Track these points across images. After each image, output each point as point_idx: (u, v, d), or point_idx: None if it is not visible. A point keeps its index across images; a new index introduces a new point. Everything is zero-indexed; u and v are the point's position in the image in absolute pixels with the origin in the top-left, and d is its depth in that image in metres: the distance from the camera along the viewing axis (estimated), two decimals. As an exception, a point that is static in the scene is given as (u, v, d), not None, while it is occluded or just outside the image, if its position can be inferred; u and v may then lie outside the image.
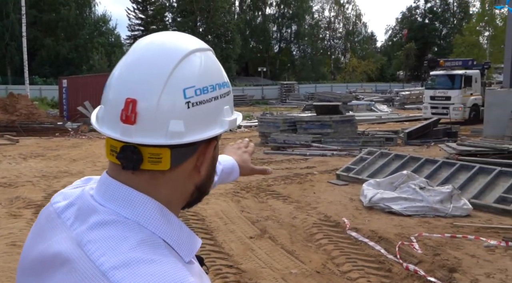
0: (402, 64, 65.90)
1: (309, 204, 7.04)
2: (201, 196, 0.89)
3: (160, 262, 0.70)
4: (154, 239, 0.74)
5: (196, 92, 0.77)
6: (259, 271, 4.62)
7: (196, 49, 0.81)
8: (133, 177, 0.78)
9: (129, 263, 0.69)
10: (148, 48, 0.80)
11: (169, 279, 0.68)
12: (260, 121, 15.57)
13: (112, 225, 0.74)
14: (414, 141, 13.99)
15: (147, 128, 0.75)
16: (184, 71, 0.77)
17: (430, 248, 5.10)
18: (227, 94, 0.84)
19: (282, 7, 65.97)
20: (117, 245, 0.71)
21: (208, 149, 0.82)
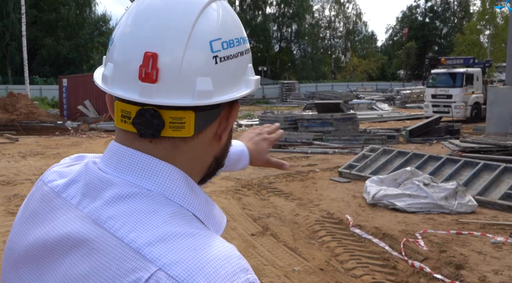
0: (402, 63, 65.81)
1: (311, 201, 6.94)
2: (217, 168, 0.79)
3: (199, 235, 0.61)
4: (185, 213, 0.65)
5: (223, 45, 0.68)
6: (261, 269, 4.52)
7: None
8: (150, 146, 0.68)
9: (165, 237, 0.59)
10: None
11: (213, 252, 0.59)
12: (261, 120, 15.50)
13: (134, 198, 0.64)
14: (416, 139, 13.90)
15: (171, 87, 0.65)
16: (208, 22, 0.68)
17: (436, 245, 5.00)
18: (248, 51, 0.75)
19: (282, 7, 65.87)
20: (147, 219, 0.62)
21: (232, 112, 0.73)
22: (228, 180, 8.50)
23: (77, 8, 48.59)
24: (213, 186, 7.99)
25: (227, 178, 8.68)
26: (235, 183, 8.20)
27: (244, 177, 8.75)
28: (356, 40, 74.32)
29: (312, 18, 70.17)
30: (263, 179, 8.54)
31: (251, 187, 7.91)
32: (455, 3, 70.97)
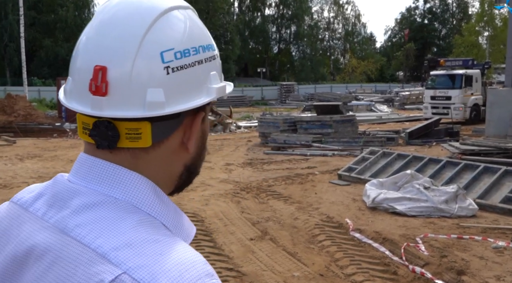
0: (401, 65, 65.85)
1: (310, 205, 6.88)
2: (191, 177, 0.78)
3: (167, 242, 0.62)
4: (153, 221, 0.66)
5: (176, 55, 0.67)
6: (260, 274, 4.46)
7: (174, 6, 0.69)
8: (111, 157, 0.68)
9: (132, 243, 0.60)
10: (118, 7, 0.68)
11: (180, 257, 0.60)
12: (260, 121, 15.42)
13: (101, 206, 0.64)
14: (416, 141, 13.85)
15: (121, 100, 0.65)
16: (160, 32, 0.66)
17: (437, 250, 4.95)
18: (213, 58, 0.73)
19: (281, 8, 65.87)
20: (114, 226, 0.62)
21: (195, 121, 0.73)
22: (227, 183, 8.45)
23: (76, 10, 48.51)
24: (212, 189, 7.93)
25: (226, 181, 8.63)
26: (234, 186, 8.14)
27: (243, 180, 8.69)
28: (355, 42, 74.35)
29: (311, 20, 70.15)
30: (262, 182, 8.48)
31: (250, 190, 7.85)
32: (454, 5, 71.08)
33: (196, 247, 5.03)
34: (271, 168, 10.05)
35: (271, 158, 11.44)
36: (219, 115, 19.87)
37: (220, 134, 18.05)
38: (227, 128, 19.40)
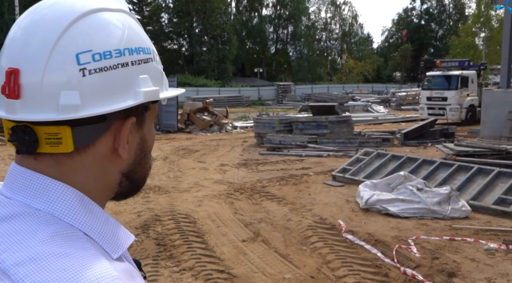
0: (398, 65, 65.94)
1: (304, 206, 6.87)
2: (134, 185, 0.76)
3: (76, 256, 0.60)
4: (72, 231, 0.64)
5: (94, 57, 0.65)
6: (251, 276, 4.44)
7: (100, 8, 0.68)
8: (36, 164, 0.67)
9: (36, 257, 0.58)
10: (34, 13, 0.67)
11: (85, 273, 0.57)
12: (255, 122, 15.40)
13: (19, 218, 0.63)
14: (411, 141, 13.86)
15: (34, 102, 0.64)
16: (78, 34, 0.65)
17: (428, 252, 4.94)
18: (144, 61, 0.71)
19: (278, 8, 65.87)
20: (24, 239, 0.60)
21: (124, 126, 0.69)
22: (221, 184, 8.43)
23: (73, 9, 48.42)
24: (206, 190, 7.91)
25: (220, 182, 8.61)
26: (228, 187, 8.12)
27: (237, 181, 8.68)
28: (352, 42, 74.42)
29: (308, 20, 70.17)
30: (256, 183, 8.46)
31: (244, 191, 7.83)
32: (450, 6, 71.23)
33: (187, 249, 5.04)
34: (265, 169, 10.04)
35: (266, 159, 11.43)
36: (215, 115, 19.85)
37: (216, 135, 18.03)
38: (223, 128, 19.38)
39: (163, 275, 4.46)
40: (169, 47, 57.64)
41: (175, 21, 54.87)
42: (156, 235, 5.57)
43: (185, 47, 57.72)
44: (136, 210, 6.62)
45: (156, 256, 4.93)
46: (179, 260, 4.82)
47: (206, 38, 54.94)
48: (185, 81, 44.60)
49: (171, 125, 19.31)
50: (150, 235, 5.56)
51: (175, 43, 57.90)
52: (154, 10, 55.82)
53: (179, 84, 33.92)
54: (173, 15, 55.58)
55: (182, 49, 57.51)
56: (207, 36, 54.87)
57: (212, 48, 54.11)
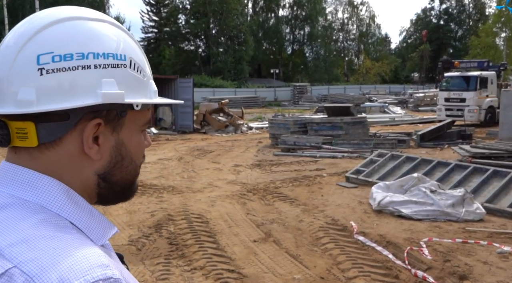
0: (416, 66, 65.24)
1: (316, 207, 6.88)
2: (115, 189, 0.80)
3: (64, 238, 0.66)
4: (59, 220, 0.70)
5: (53, 59, 0.70)
6: (261, 276, 4.48)
7: (74, 17, 0.74)
8: (16, 158, 0.74)
9: (27, 239, 0.64)
10: (24, 20, 0.76)
11: (72, 251, 0.63)
12: (270, 123, 15.43)
13: (9, 208, 0.69)
14: (427, 143, 13.71)
15: (2, 98, 0.71)
16: (44, 38, 0.71)
17: (440, 254, 4.90)
18: (112, 66, 0.74)
19: (295, 9, 65.76)
20: (16, 225, 0.66)
21: (88, 127, 0.73)
22: (234, 185, 8.48)
23: (92, 11, 49.10)
24: (219, 191, 7.97)
25: (233, 183, 8.66)
26: (241, 188, 8.17)
27: (251, 182, 8.72)
28: (369, 43, 73.86)
29: (325, 21, 69.89)
30: (269, 184, 8.49)
31: (257, 192, 7.86)
32: (470, 6, 70.16)
33: (199, 248, 5.09)
34: (279, 169, 10.06)
35: (280, 160, 11.45)
36: (230, 116, 19.93)
37: (231, 135, 18.11)
38: (239, 129, 19.45)
39: (174, 274, 4.52)
40: (186, 48, 58.02)
41: (192, 22, 55.20)
42: (169, 234, 5.64)
43: (201, 48, 58.02)
44: (150, 210, 6.71)
45: (168, 255, 4.99)
46: (190, 259, 4.88)
47: (223, 39, 55.14)
48: (202, 82, 44.86)
49: (187, 126, 19.46)
50: (162, 235, 5.63)
51: (192, 44, 58.26)
52: (172, 12, 56.27)
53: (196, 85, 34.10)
54: (190, 16, 55.93)
55: (199, 50, 57.82)
56: (223, 37, 55.07)
57: (229, 49, 54.29)
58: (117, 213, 6.56)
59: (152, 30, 58.38)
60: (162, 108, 20.11)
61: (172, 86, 20.40)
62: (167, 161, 11.24)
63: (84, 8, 0.78)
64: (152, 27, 58.17)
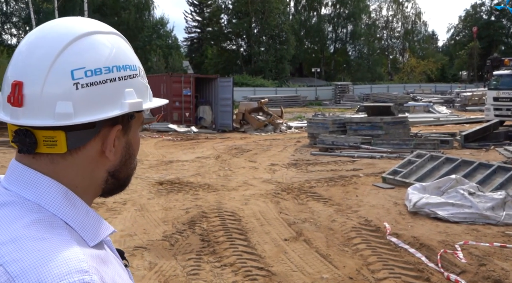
0: (465, 64, 63.02)
1: (350, 207, 6.82)
2: (119, 183, 0.88)
3: (51, 240, 0.70)
4: (53, 220, 0.75)
5: (86, 74, 0.77)
6: (289, 275, 4.50)
7: (93, 31, 0.80)
8: (33, 161, 0.79)
9: (17, 239, 0.69)
10: (42, 31, 0.80)
11: (55, 255, 0.68)
12: (309, 122, 15.37)
13: (10, 206, 0.75)
14: (472, 144, 13.25)
15: (34, 110, 0.76)
16: (74, 53, 0.76)
17: (476, 258, 4.76)
18: (130, 77, 0.82)
19: (338, 7, 65.05)
20: (10, 224, 0.72)
21: (111, 132, 0.81)
22: (269, 183, 8.53)
23: (137, 12, 50.50)
24: (253, 189, 8.04)
25: (268, 182, 8.71)
26: (275, 187, 8.20)
27: (286, 181, 8.74)
28: (415, 40, 71.97)
29: (368, 18, 68.73)
30: (304, 183, 8.48)
31: (291, 191, 7.88)
32: (524, 0, 66.90)
33: (230, 245, 5.18)
34: (315, 169, 10.02)
35: (317, 159, 11.39)
36: (269, 115, 19.99)
37: (270, 134, 18.17)
38: (278, 128, 19.48)
39: (204, 270, 4.62)
40: (228, 47, 58.62)
41: (234, 22, 55.69)
42: (202, 231, 5.76)
43: (243, 48, 58.42)
44: (185, 207, 6.87)
45: (200, 251, 5.10)
46: (221, 256, 4.97)
47: (264, 38, 55.28)
48: (243, 81, 45.16)
49: (227, 125, 19.69)
50: (195, 231, 5.76)
51: (233, 44, 58.79)
52: (214, 12, 57.00)
53: (236, 84, 34.37)
54: (232, 16, 56.45)
55: (241, 49, 58.25)
56: (265, 36, 55.21)
57: (270, 48, 54.37)
58: (153, 209, 6.76)
59: (195, 30, 59.39)
60: (203, 107, 20.44)
61: (212, 85, 20.68)
62: (204, 160, 11.43)
63: (94, 21, 0.84)
64: (195, 27, 59.17)
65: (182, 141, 15.68)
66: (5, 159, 11.19)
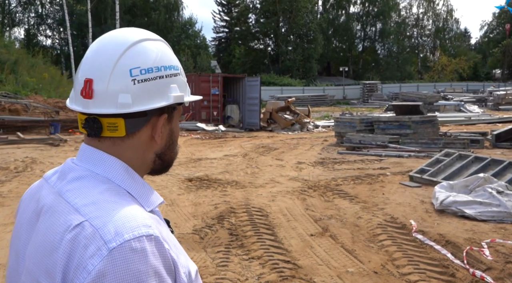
0: (498, 62, 61.41)
1: (376, 205, 6.87)
2: (164, 164, 1.07)
3: (120, 203, 0.91)
4: (119, 189, 0.95)
5: (141, 72, 0.96)
6: (315, 268, 4.62)
7: (144, 39, 0.99)
8: (99, 143, 0.99)
9: (96, 202, 0.90)
10: (104, 39, 1.00)
11: (125, 213, 0.88)
12: (336, 121, 15.39)
13: (85, 178, 0.96)
14: (504, 143, 13.00)
15: (102, 101, 0.95)
16: (130, 56, 0.96)
17: (502, 255, 4.77)
18: (174, 75, 1.01)
19: (366, 5, 64.34)
20: (89, 191, 0.92)
21: (159, 120, 1.00)
22: (295, 181, 8.65)
23: (166, 13, 51.28)
24: (280, 186, 8.18)
25: (295, 179, 8.83)
26: (302, 184, 8.32)
27: (312, 179, 8.84)
28: (446, 38, 70.48)
29: (398, 16, 67.71)
30: (331, 181, 8.56)
31: (317, 188, 7.98)
32: (561, -4, 64.59)
33: (257, 239, 5.34)
34: (342, 167, 10.08)
35: (344, 158, 11.44)
36: (296, 114, 20.06)
37: (297, 133, 18.26)
38: (305, 127, 19.55)
39: (233, 262, 4.79)
40: (256, 47, 58.84)
41: (261, 22, 55.87)
42: (230, 225, 5.94)
43: (271, 47, 58.56)
44: (213, 202, 7.06)
45: (228, 244, 5.28)
46: (248, 249, 5.13)
47: (292, 38, 55.26)
48: (270, 80, 45.28)
49: (254, 124, 19.86)
50: (224, 226, 5.94)
51: (261, 43, 58.98)
52: (242, 11, 57.31)
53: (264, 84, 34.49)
54: (260, 15, 56.64)
55: (268, 48, 58.39)
56: (293, 36, 55.19)
57: (298, 47, 54.32)
58: (183, 204, 6.98)
59: (223, 29, 59.85)
60: (230, 106, 20.69)
61: (240, 84, 20.91)
62: (232, 157, 11.64)
63: (144, 31, 1.03)
64: (223, 27, 59.64)
65: (210, 140, 15.95)
66: (43, 155, 11.68)
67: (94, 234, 0.84)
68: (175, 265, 0.89)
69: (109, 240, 0.83)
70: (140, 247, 0.83)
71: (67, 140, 14.68)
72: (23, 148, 12.99)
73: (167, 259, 0.87)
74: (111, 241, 0.83)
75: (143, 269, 0.82)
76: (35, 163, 10.50)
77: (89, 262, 0.82)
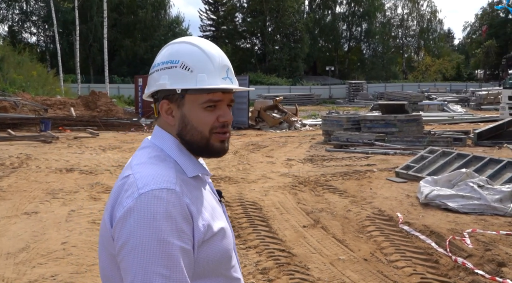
0: (481, 63, 62.55)
1: (364, 199, 7.20)
2: (192, 146, 1.30)
3: (159, 166, 1.21)
4: (167, 157, 1.25)
5: (152, 67, 1.32)
6: (309, 256, 4.91)
7: (172, 42, 1.34)
8: (158, 122, 1.35)
9: (142, 163, 1.23)
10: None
11: (159, 173, 1.17)
12: (324, 120, 15.73)
13: (147, 148, 1.30)
14: (485, 142, 13.48)
15: (149, 86, 1.34)
16: (163, 53, 1.33)
17: (482, 244, 5.12)
18: (166, 68, 1.27)
19: (352, 5, 64.96)
20: (143, 155, 1.27)
21: (161, 104, 1.30)
22: (286, 177, 8.94)
23: (153, 11, 51.15)
24: (272, 182, 8.46)
25: (285, 175, 9.12)
26: (293, 180, 8.61)
27: (302, 175, 9.14)
28: (430, 39, 71.54)
29: (383, 17, 68.53)
30: (320, 177, 8.87)
31: (308, 184, 8.28)
32: (541, -2, 66.05)
33: (253, 231, 5.62)
34: (330, 164, 10.40)
35: (332, 155, 11.77)
36: (284, 113, 20.37)
37: (285, 132, 18.56)
38: (292, 126, 19.86)
39: (231, 251, 5.05)
40: (242, 46, 59.03)
41: (248, 21, 56.10)
42: (226, 218, 6.19)
43: (257, 46, 58.84)
44: (208, 197, 7.30)
45: (225, 235, 5.53)
46: (245, 239, 5.40)
47: (279, 37, 55.59)
48: (257, 79, 45.51)
49: (242, 122, 20.09)
50: (220, 218, 6.19)
51: (248, 42, 59.21)
52: (229, 10, 57.43)
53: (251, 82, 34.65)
54: (247, 14, 56.85)
55: (255, 48, 58.65)
56: (279, 35, 55.53)
57: (284, 46, 54.69)
58: (179, 198, 7.21)
59: (210, 28, 59.84)
60: (219, 105, 20.86)
61: (229, 83, 21.07)
62: (223, 154, 11.87)
63: (184, 38, 1.35)
64: (210, 25, 59.64)
65: (200, 137, 16.13)
66: (37, 152, 11.76)
67: (133, 183, 1.15)
68: (193, 215, 1.14)
69: (141, 187, 1.13)
70: (160, 195, 1.11)
71: (59, 137, 14.77)
72: (15, 145, 13.07)
73: (184, 209, 1.13)
74: (142, 188, 1.13)
75: (160, 210, 1.10)
76: (30, 159, 10.63)
77: (125, 200, 1.14)
